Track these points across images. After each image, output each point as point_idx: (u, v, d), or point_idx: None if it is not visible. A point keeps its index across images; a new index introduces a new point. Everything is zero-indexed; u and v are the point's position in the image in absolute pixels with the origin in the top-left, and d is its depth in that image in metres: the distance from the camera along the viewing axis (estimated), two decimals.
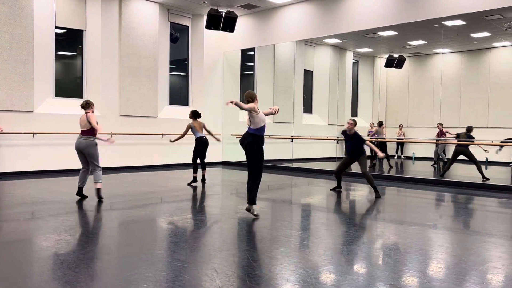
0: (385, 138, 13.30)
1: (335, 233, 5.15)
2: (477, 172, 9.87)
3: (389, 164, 13.21)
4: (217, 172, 11.87)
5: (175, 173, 11.20)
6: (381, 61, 15.19)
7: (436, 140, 12.52)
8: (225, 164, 13.84)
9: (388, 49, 14.46)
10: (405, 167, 13.92)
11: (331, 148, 14.85)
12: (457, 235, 5.25)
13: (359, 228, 5.41)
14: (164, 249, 4.31)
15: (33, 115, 10.17)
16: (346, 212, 6.75)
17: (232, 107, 5.33)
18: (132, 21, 11.76)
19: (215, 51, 13.82)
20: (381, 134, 13.42)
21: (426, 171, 12.81)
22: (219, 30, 12.24)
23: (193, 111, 9.06)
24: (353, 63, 15.72)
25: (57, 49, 10.84)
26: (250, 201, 5.76)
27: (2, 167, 9.73)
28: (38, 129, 10.19)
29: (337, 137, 14.01)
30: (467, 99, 13.74)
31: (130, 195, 7.59)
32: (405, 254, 4.19)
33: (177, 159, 12.63)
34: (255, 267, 3.73)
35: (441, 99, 12.12)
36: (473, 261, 4.00)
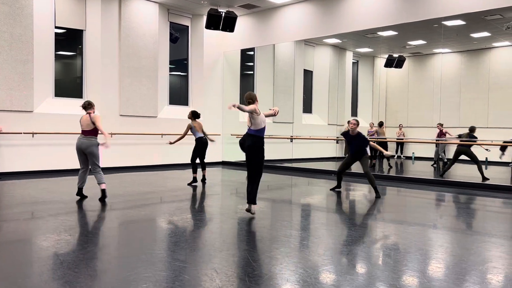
0: (385, 138, 13.30)
1: (335, 233, 5.15)
2: (477, 172, 9.88)
3: (389, 164, 13.22)
4: (217, 172, 11.87)
5: (175, 173, 11.20)
6: (381, 61, 15.19)
7: (436, 140, 12.52)
8: (225, 164, 13.83)
9: (388, 49, 14.46)
10: (405, 167, 13.91)
11: (331, 148, 14.86)
12: (457, 235, 5.25)
13: (359, 228, 5.41)
14: (163, 249, 4.31)
15: (33, 115, 10.17)
16: (346, 212, 6.75)
17: (232, 109, 5.34)
18: (132, 21, 11.75)
19: (215, 51, 13.82)
20: (381, 134, 13.42)
21: (426, 171, 12.81)
22: (219, 30, 12.24)
23: (192, 111, 9.04)
24: (353, 63, 15.72)
25: (57, 49, 10.83)
26: (250, 200, 5.77)
27: (2, 167, 9.73)
28: (38, 129, 10.19)
29: (337, 137, 14.02)
30: (467, 99, 13.73)
31: (130, 195, 7.59)
32: (405, 254, 4.19)
33: (177, 159, 12.63)
34: (255, 267, 3.73)
35: (441, 99, 12.12)
36: (473, 261, 4.00)
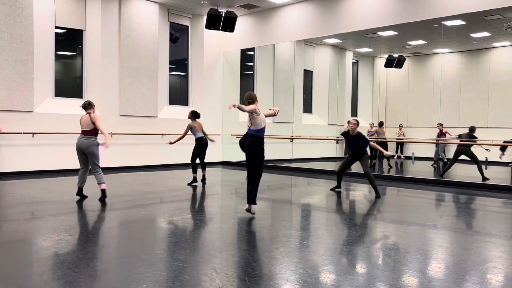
0: (385, 138, 13.30)
1: (335, 233, 5.15)
2: (477, 172, 9.88)
3: (389, 164, 13.22)
4: (217, 172, 11.87)
5: (175, 173, 11.20)
6: (381, 61, 15.19)
7: (436, 140, 12.51)
8: (225, 164, 13.83)
9: (388, 49, 14.45)
10: (405, 167, 13.91)
11: (331, 148, 14.86)
12: (457, 235, 5.25)
13: (359, 228, 5.41)
14: (163, 249, 4.31)
15: (33, 115, 10.17)
16: (346, 212, 6.75)
17: (232, 109, 5.34)
18: (132, 21, 11.75)
19: (215, 51, 13.82)
20: (381, 134, 13.42)
21: (426, 171, 12.81)
22: (219, 30, 12.23)
23: (192, 111, 9.04)
24: (353, 63, 15.72)
25: (57, 49, 10.83)
26: (250, 200, 5.77)
27: (2, 167, 9.73)
28: (38, 129, 10.19)
29: (337, 137, 14.02)
30: (467, 99, 13.73)
31: (129, 195, 7.59)
32: (405, 254, 4.19)
33: (177, 159, 12.62)
34: (255, 267, 3.73)
35: (441, 99, 12.12)
36: (473, 261, 4.00)
